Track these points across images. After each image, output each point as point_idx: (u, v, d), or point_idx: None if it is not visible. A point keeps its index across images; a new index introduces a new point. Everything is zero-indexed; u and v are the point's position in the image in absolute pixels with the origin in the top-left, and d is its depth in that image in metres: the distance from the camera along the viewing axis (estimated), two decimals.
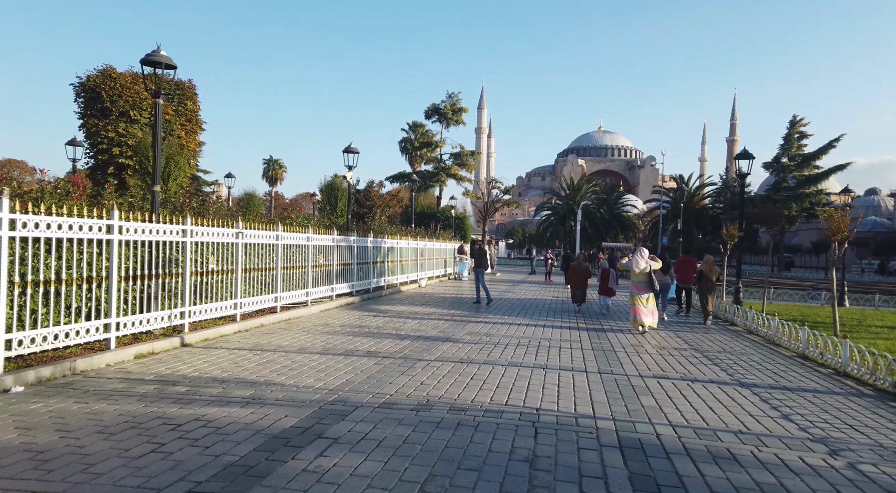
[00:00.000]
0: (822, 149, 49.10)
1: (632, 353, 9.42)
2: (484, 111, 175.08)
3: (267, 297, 11.19)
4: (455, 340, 9.99)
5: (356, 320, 11.92)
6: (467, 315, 13.75)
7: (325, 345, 8.95)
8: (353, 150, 16.50)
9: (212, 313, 9.35)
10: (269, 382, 6.46)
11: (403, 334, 10.32)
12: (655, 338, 11.22)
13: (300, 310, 12.36)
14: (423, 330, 10.96)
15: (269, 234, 11.21)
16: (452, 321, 12.45)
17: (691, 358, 9.17)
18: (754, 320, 12.38)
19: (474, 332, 11.04)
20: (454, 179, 41.09)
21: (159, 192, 8.69)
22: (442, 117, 40.90)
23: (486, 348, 9.28)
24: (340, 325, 11.19)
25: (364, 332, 10.44)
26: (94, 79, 21.74)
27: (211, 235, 9.25)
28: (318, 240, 13.47)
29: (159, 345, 7.83)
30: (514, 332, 11.28)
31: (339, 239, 14.80)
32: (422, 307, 15.05)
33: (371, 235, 17.35)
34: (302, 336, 9.67)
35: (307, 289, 12.92)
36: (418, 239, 23.39)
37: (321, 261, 13.73)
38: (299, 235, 12.49)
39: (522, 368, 7.88)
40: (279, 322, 11.08)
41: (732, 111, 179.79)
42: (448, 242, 29.84)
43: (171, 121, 23.17)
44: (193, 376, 6.60)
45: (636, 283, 12.15)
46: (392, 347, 9.03)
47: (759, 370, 8.39)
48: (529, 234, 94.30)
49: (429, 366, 7.69)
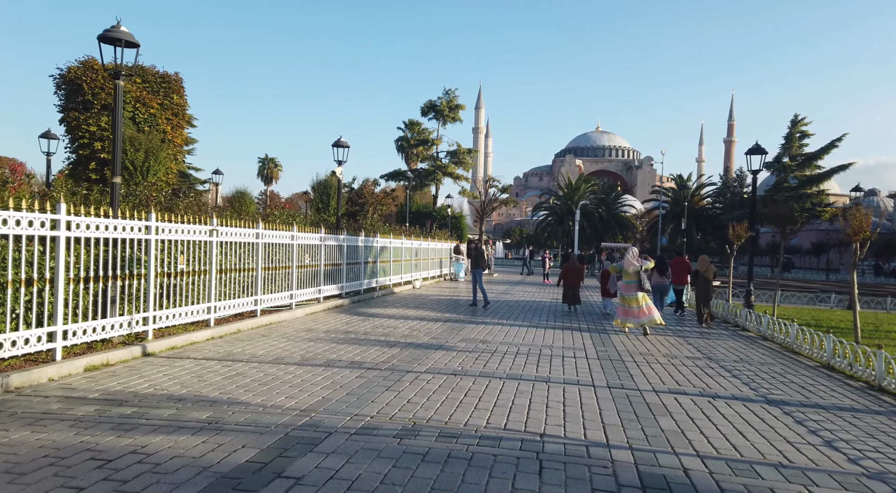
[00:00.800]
0: (823, 148, 48.40)
1: (641, 363, 8.62)
2: (481, 111, 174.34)
3: (246, 300, 10.35)
4: (449, 347, 9.17)
5: (343, 325, 11.09)
6: (463, 319, 12.93)
7: (305, 354, 8.11)
8: (342, 144, 15.66)
9: (181, 318, 8.51)
10: (232, 400, 5.62)
11: (392, 341, 9.49)
12: (664, 344, 10.43)
13: (284, 313, 11.52)
14: (414, 336, 10.14)
15: (249, 232, 10.37)
16: (446, 326, 11.63)
17: (707, 369, 8.37)
18: (769, 326, 11.59)
19: (470, 338, 10.22)
20: (451, 178, 40.20)
21: (120, 184, 7.81)
22: (438, 114, 40.01)
23: (482, 357, 8.46)
24: (325, 330, 10.36)
25: (350, 338, 9.60)
26: (75, 71, 20.82)
27: (180, 232, 8.40)
28: (304, 239, 12.63)
29: (116, 355, 6.98)
30: (513, 337, 10.47)
31: (328, 238, 13.96)
32: (415, 310, 14.22)
33: (362, 234, 16.51)
34: (281, 344, 8.83)
35: (291, 291, 12.07)
36: (412, 238, 22.57)
37: (307, 261, 12.89)
38: (283, 233, 11.65)
39: (523, 381, 7.06)
40: (259, 327, 10.24)
41: (730, 112, 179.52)
42: (444, 241, 29.02)
43: (156, 115, 22.30)
44: (146, 393, 5.76)
45: (626, 283, 11.89)
46: (379, 356, 8.20)
47: (784, 384, 7.59)
48: (527, 234, 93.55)
49: (418, 379, 6.86)
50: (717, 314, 15.21)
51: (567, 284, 15.60)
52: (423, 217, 33.23)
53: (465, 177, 40.42)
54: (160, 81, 23.11)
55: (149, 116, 21.84)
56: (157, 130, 22.14)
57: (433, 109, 39.79)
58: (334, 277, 14.54)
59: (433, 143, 39.78)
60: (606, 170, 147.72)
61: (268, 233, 11.04)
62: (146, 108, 21.77)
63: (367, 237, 17.04)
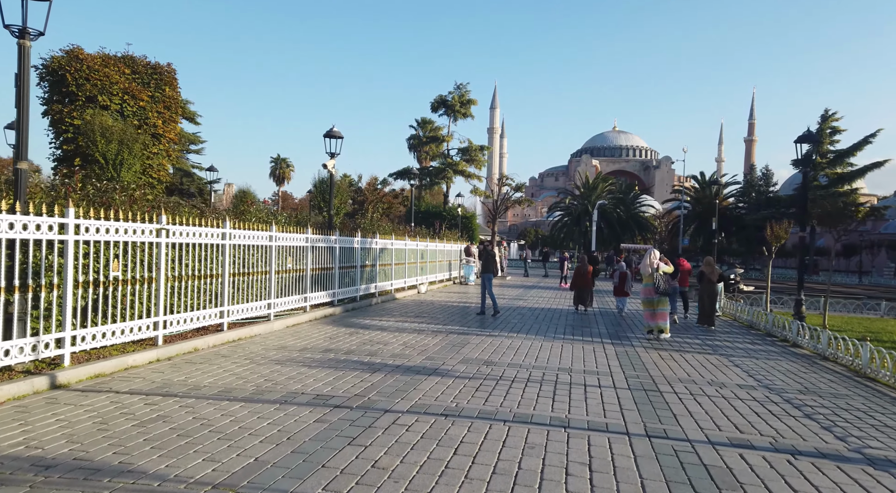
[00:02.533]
0: (856, 145, 45.88)
1: (684, 394, 6.89)
2: (496, 111, 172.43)
3: (209, 311, 8.79)
4: (445, 372, 7.52)
5: (325, 341, 9.49)
6: (468, 331, 11.28)
7: (263, 383, 6.51)
8: (335, 134, 14.09)
9: (115, 337, 6.96)
10: (123, 468, 4.03)
11: (378, 363, 7.86)
12: (706, 366, 8.66)
13: (259, 326, 9.95)
14: (406, 355, 8.50)
15: (212, 232, 8.82)
16: (447, 341, 9.98)
17: (768, 403, 6.62)
18: (831, 344, 9.76)
19: (472, 358, 8.56)
20: (462, 176, 38.50)
21: (28, 170, 6.25)
22: (449, 110, 38.27)
23: (484, 387, 6.79)
24: (302, 348, 8.76)
25: (327, 359, 7.99)
26: (58, 60, 19.49)
27: (113, 231, 6.86)
28: (286, 240, 11.07)
29: (8, 390, 5.44)
30: (524, 356, 8.78)
31: (316, 239, 12.39)
32: (414, 320, 12.59)
33: (358, 235, 14.93)
34: (240, 368, 7.24)
35: (270, 300, 10.51)
36: (418, 239, 20.95)
37: (290, 265, 11.32)
38: (257, 233, 10.09)
39: (534, 426, 5.39)
40: (223, 345, 8.67)
41: (751, 111, 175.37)
42: (453, 242, 27.38)
43: (147, 108, 20.97)
44: (6, 454, 4.18)
45: (644, 286, 11.76)
46: (355, 385, 6.57)
47: (877, 429, 5.81)
48: (542, 235, 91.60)
49: (396, 425, 5.22)
50: (759, 326, 13.38)
51: (576, 286, 15.60)
52: (432, 217, 31.61)
53: (478, 175, 38.64)
54: (151, 73, 21.77)
55: (138, 109, 20.50)
56: (148, 125, 20.86)
57: (444, 105, 38.04)
58: (324, 282, 12.96)
59: (443, 139, 38.04)
60: (624, 170, 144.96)
61: (238, 233, 9.48)
62: (135, 100, 20.44)
63: (365, 238, 15.46)
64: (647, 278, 11.67)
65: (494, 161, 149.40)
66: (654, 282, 11.48)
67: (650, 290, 11.52)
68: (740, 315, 15.10)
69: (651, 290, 11.51)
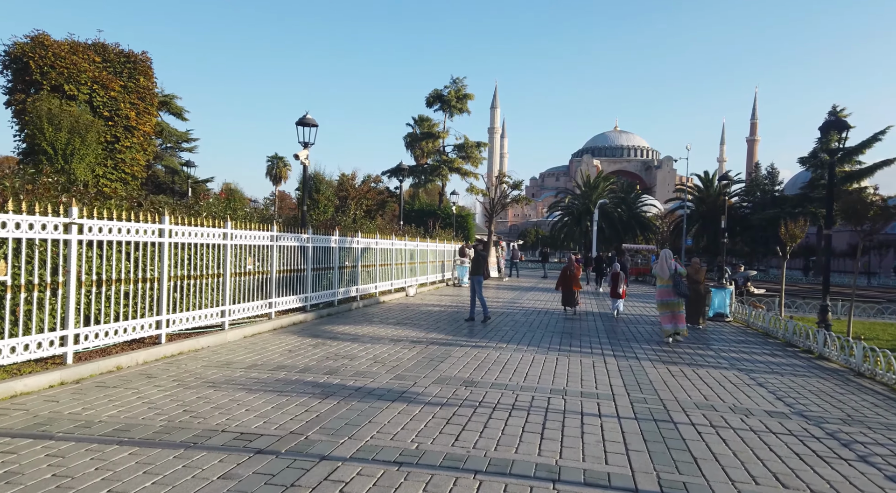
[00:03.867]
0: (865, 142, 44.49)
1: (703, 426, 5.59)
2: (497, 111, 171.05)
3: (143, 321, 7.50)
4: (413, 397, 6.22)
5: (281, 355, 8.19)
6: (452, 341, 9.98)
7: (177, 417, 5.21)
8: (308, 122, 12.77)
9: (4, 356, 5.66)
10: None
11: (335, 385, 6.57)
12: (725, 386, 7.36)
13: (210, 337, 8.66)
14: (371, 373, 7.21)
15: (147, 227, 7.52)
16: (426, 354, 8.69)
17: (809, 440, 5.31)
18: (868, 358, 8.44)
19: (450, 376, 7.26)
20: (458, 174, 37.17)
21: None
22: (445, 105, 36.87)
23: (457, 419, 5.49)
24: (250, 364, 7.46)
25: (274, 380, 6.70)
26: (21, 47, 18.21)
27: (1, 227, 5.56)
28: (245, 238, 9.77)
29: None
30: (511, 373, 7.48)
31: (284, 237, 11.11)
32: (394, 328, 11.29)
33: (336, 233, 13.63)
34: (159, 393, 5.94)
35: (224, 307, 9.21)
36: (407, 239, 19.65)
37: (251, 267, 10.03)
38: (208, 230, 8.79)
39: (514, 479, 4.09)
40: (156, 361, 7.37)
41: (753, 110, 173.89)
42: (447, 242, 26.08)
43: (118, 98, 19.72)
44: None
45: (661, 288, 11.30)
46: (295, 418, 5.28)
47: None
48: (543, 235, 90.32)
49: (327, 485, 3.92)
50: (777, 334, 12.08)
51: (564, 287, 15.27)
52: (426, 216, 30.29)
53: (474, 173, 37.27)
54: (124, 61, 20.53)
55: (109, 99, 19.25)
56: (120, 116, 19.61)
57: (439, 100, 36.60)
58: (294, 286, 11.66)
59: (439, 136, 36.62)
60: (625, 170, 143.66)
61: (183, 230, 8.18)
62: (105, 90, 19.18)
63: (345, 237, 14.17)
64: (665, 279, 11.21)
65: (495, 161, 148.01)
66: (672, 284, 11.09)
67: (669, 291, 11.13)
68: (754, 321, 13.80)
69: (670, 291, 11.11)
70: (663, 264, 11.34)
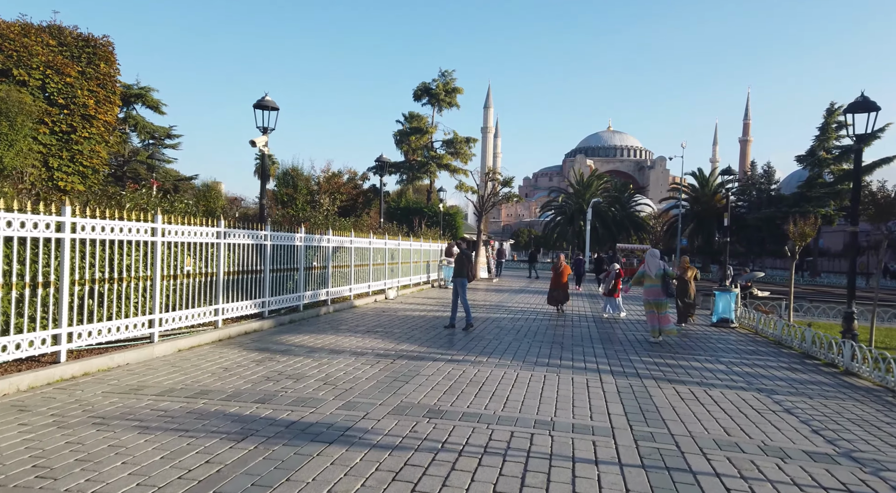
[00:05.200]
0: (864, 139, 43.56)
1: (729, 476, 4.26)
2: (490, 110, 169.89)
3: (34, 336, 6.08)
4: (358, 438, 4.85)
5: (212, 375, 6.80)
6: (424, 353, 8.63)
7: (4, 483, 3.83)
8: (268, 104, 11.36)
9: None
10: None
11: (264, 418, 5.19)
12: (747, 412, 6.04)
13: (132, 352, 7.26)
14: (316, 400, 5.84)
15: (40, 220, 6.11)
16: (390, 371, 7.32)
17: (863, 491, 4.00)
18: None
19: (412, 403, 5.90)
20: (447, 171, 35.79)
21: None
22: (433, 99, 35.43)
23: (408, 471, 4.13)
24: (164, 390, 6.07)
25: (186, 413, 5.31)
26: None
27: None
28: (182, 234, 8.36)
29: None
30: (489, 398, 6.13)
31: (237, 234, 9.71)
32: (361, 337, 9.92)
33: (302, 230, 12.24)
34: (18, 438, 4.55)
35: (153, 315, 7.80)
36: (387, 237, 18.28)
37: (190, 268, 8.62)
38: (132, 224, 7.38)
39: None
40: (46, 386, 5.96)
41: (746, 111, 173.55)
42: (433, 241, 24.73)
43: (74, 85, 18.24)
44: None
45: (649, 287, 11.08)
46: (181, 478, 3.89)
47: None
48: (536, 235, 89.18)
49: None
50: (792, 344, 10.82)
51: (552, 286, 15.22)
52: (412, 213, 28.92)
53: (464, 170, 35.90)
54: (82, 45, 19.03)
55: (64, 85, 17.76)
56: (77, 105, 18.13)
57: (427, 93, 35.13)
58: (249, 289, 10.27)
59: (427, 130, 35.19)
60: (618, 170, 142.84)
61: (92, 224, 6.77)
62: (60, 76, 17.69)
63: (312, 235, 12.77)
64: (654, 279, 11.03)
65: (488, 161, 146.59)
66: (661, 283, 10.98)
67: (658, 291, 10.98)
68: (764, 328, 12.53)
69: (659, 291, 10.97)
70: (650, 264, 11.19)
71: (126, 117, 35.33)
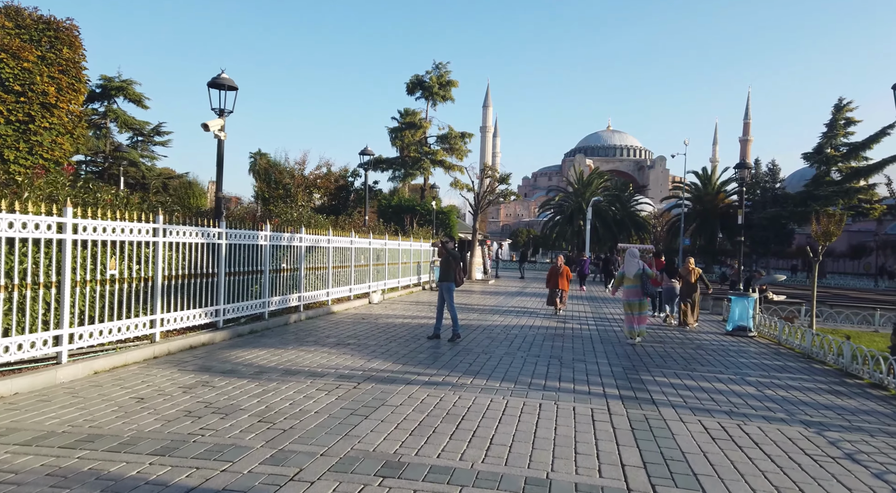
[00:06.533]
0: (873, 137, 42.19)
1: None
2: (489, 109, 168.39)
3: None
4: None
5: (119, 409, 5.37)
6: (398, 373, 7.21)
7: None
8: (224, 83, 9.91)
9: None
10: None
11: (143, 486, 3.78)
12: (801, 461, 4.63)
13: (29, 377, 5.84)
14: (237, 448, 4.42)
15: None
16: (349, 400, 5.90)
17: None
18: None
19: (366, 452, 4.48)
20: (441, 167, 34.33)
21: None
22: (427, 92, 33.98)
23: None
24: (37, 436, 4.63)
25: (35, 479, 3.89)
26: None
27: None
28: (104, 231, 6.94)
29: None
30: (467, 441, 4.70)
31: (181, 231, 8.29)
32: (328, 352, 8.50)
33: (267, 227, 10.82)
34: None
35: (60, 330, 6.37)
36: (372, 236, 16.87)
37: (114, 272, 7.19)
38: (32, 218, 5.96)
39: None
40: None
41: (746, 110, 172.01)
42: (425, 240, 23.33)
43: (33, 70, 16.79)
44: None
45: (627, 288, 10.93)
46: None
47: None
48: (535, 235, 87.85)
49: None
50: (826, 359, 9.42)
51: (551, 286, 15.11)
52: (404, 211, 27.51)
53: (459, 166, 34.46)
54: (43, 28, 17.57)
55: (20, 70, 16.31)
56: (35, 92, 16.70)
57: (421, 86, 33.65)
58: (199, 295, 8.84)
59: (421, 125, 33.71)
60: (618, 170, 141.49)
61: None
62: (17, 60, 16.24)
63: (280, 233, 11.35)
64: (632, 279, 10.89)
65: (487, 160, 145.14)
66: (640, 283, 10.83)
67: (636, 291, 10.81)
68: (788, 339, 11.13)
69: (637, 291, 10.82)
70: (630, 263, 10.99)
71: (106, 111, 33.88)
